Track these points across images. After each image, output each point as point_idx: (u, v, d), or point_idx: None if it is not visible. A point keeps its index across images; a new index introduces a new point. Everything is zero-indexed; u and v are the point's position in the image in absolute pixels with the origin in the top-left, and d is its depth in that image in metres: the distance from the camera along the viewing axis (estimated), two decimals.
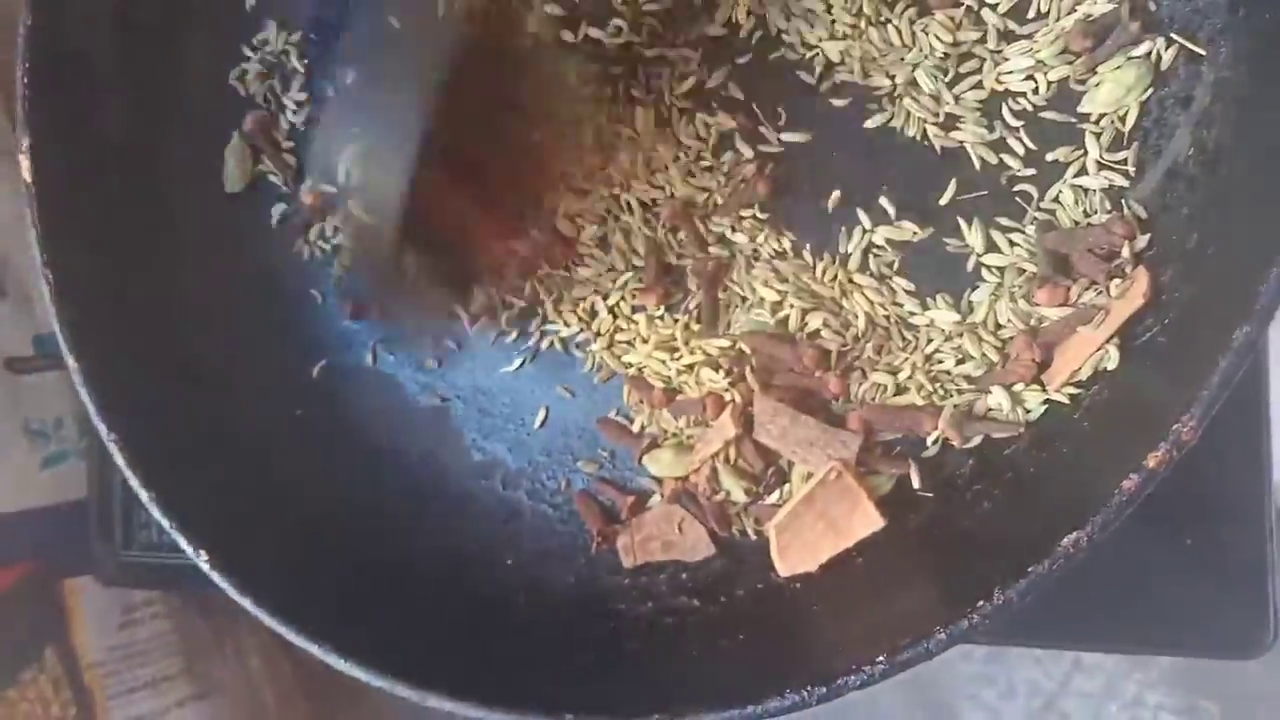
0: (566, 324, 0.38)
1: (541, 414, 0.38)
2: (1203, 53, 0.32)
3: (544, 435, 0.39)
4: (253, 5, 0.42)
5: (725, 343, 0.35)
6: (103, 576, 0.51)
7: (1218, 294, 0.29)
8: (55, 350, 0.36)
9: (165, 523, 0.35)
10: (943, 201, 0.35)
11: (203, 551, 0.34)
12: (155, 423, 0.37)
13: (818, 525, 0.33)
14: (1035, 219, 0.34)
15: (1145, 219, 0.32)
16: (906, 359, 0.34)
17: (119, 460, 0.35)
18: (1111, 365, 0.31)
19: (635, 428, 0.37)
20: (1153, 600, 0.38)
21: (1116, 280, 0.32)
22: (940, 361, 0.34)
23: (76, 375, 0.36)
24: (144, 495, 0.35)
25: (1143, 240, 0.32)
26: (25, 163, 0.37)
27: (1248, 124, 0.30)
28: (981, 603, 0.27)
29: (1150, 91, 0.33)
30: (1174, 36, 0.32)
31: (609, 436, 0.37)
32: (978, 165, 0.34)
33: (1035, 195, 0.34)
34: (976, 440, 0.33)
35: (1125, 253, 0.32)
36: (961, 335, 0.34)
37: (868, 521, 0.33)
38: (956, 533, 0.32)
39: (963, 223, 0.34)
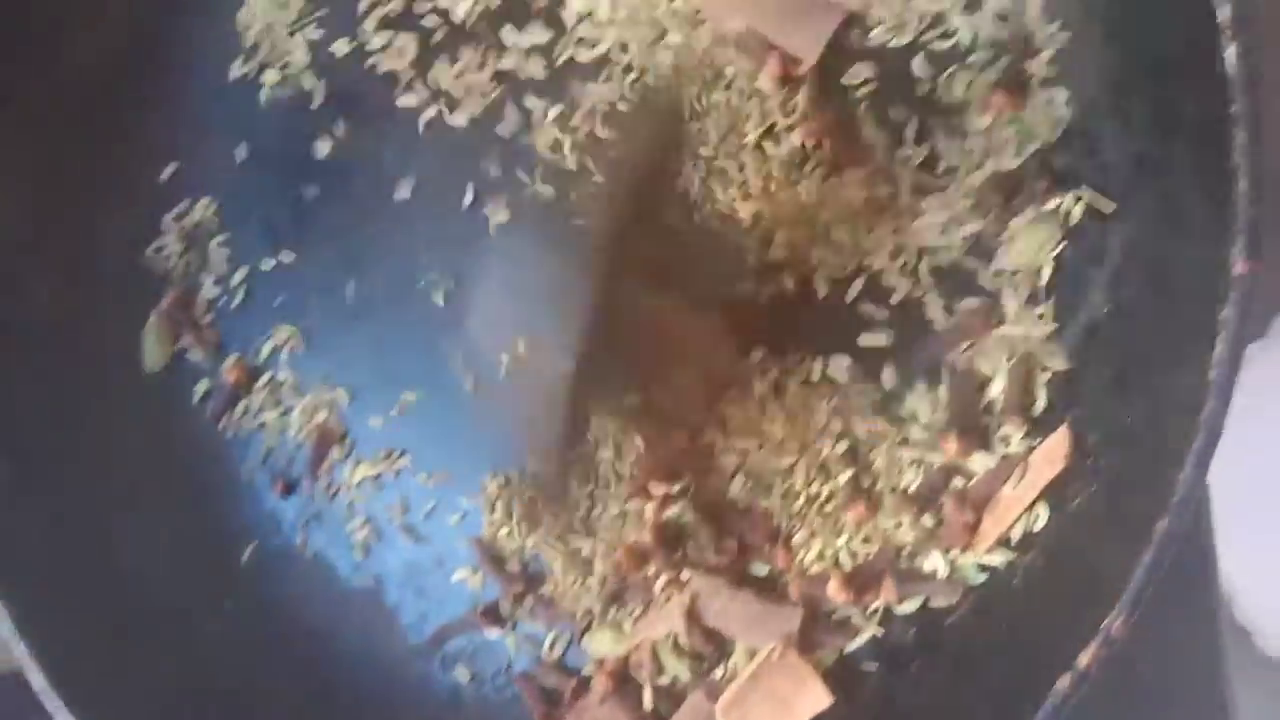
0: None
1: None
2: (1109, 210, 0.32)
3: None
4: (169, 177, 0.41)
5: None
6: None
7: (1140, 468, 0.28)
8: None
9: None
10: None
11: None
12: (78, 633, 0.36)
13: (764, 706, 0.32)
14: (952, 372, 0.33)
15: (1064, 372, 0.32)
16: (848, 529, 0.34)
17: (36, 681, 0.34)
18: (1039, 526, 0.31)
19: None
20: None
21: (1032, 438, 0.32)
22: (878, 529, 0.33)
23: None
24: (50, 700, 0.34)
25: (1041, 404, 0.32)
26: None
27: (1160, 281, 0.30)
28: None
29: (1062, 245, 0.33)
30: (1080, 194, 0.32)
31: (528, 696, 0.36)
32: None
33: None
34: (915, 605, 0.33)
35: (1040, 406, 0.32)
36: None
37: (816, 699, 0.32)
38: (903, 711, 0.32)
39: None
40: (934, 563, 0.33)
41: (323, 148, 0.39)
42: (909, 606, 0.33)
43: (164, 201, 0.41)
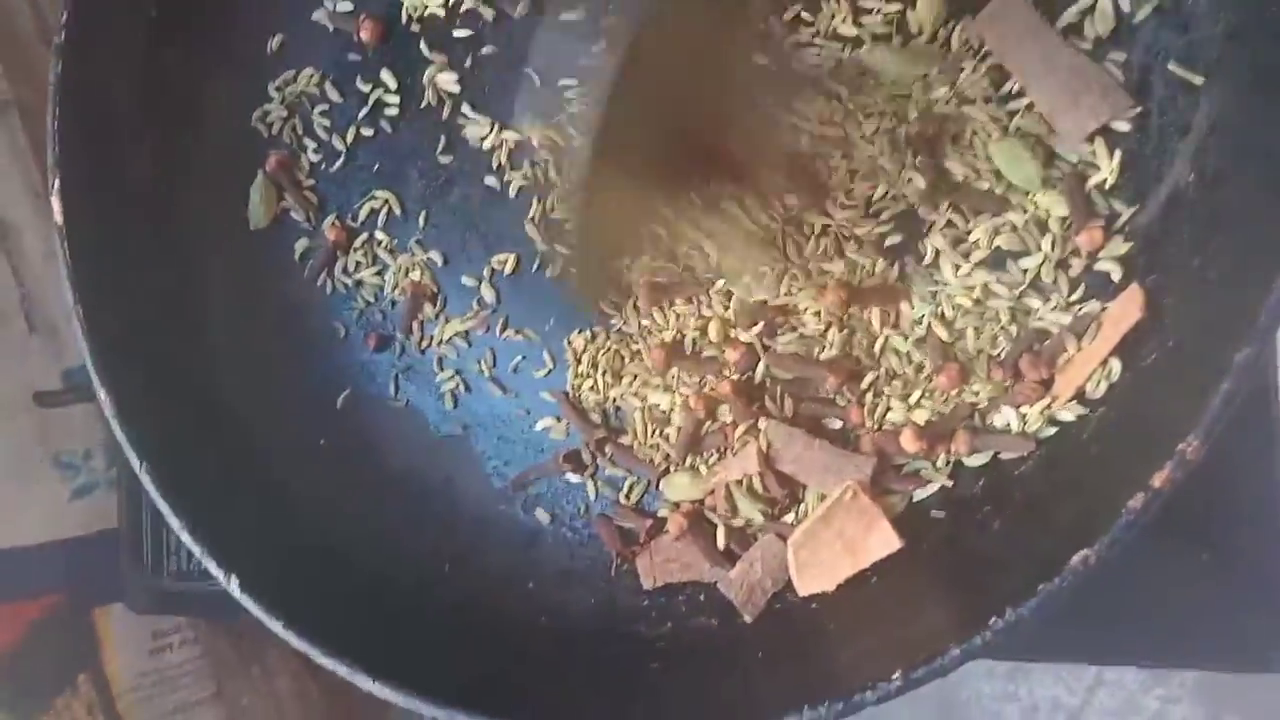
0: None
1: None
2: (1199, 82, 0.32)
3: None
4: (275, 48, 0.43)
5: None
6: (133, 604, 0.52)
7: (1219, 316, 0.29)
8: (83, 383, 0.37)
9: (195, 549, 0.36)
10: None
11: (233, 576, 0.35)
12: (184, 454, 0.38)
13: (835, 545, 0.34)
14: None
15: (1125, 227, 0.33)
16: (921, 386, 0.35)
17: (151, 491, 0.36)
18: (1114, 379, 0.32)
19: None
20: (1171, 614, 0.38)
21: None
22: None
23: (108, 409, 0.37)
24: (175, 523, 0.36)
25: (1120, 249, 0.33)
26: (56, 204, 0.38)
27: (1245, 150, 0.31)
28: (994, 620, 0.28)
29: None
30: (1171, 67, 0.33)
31: (606, 536, 0.38)
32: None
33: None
34: (986, 458, 0.34)
35: (1114, 270, 0.33)
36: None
37: (884, 542, 0.33)
38: (969, 553, 0.33)
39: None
40: (1006, 418, 0.34)
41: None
42: (979, 459, 0.34)
43: (270, 71, 0.43)
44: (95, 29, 0.39)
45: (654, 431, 0.38)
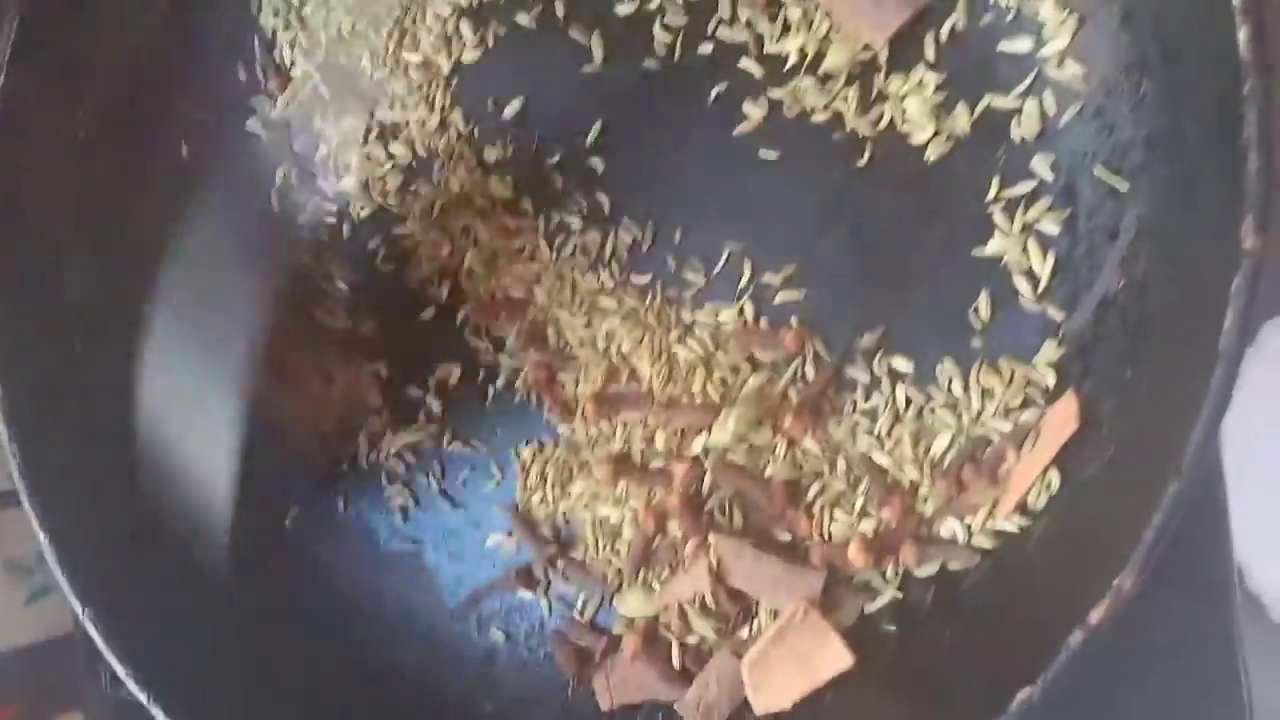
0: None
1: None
2: (1123, 188, 0.33)
3: None
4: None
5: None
6: (90, 714, 0.51)
7: (1151, 434, 0.29)
8: None
9: (142, 697, 0.35)
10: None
11: (158, 708, 0.35)
12: (128, 592, 0.37)
13: (788, 663, 0.34)
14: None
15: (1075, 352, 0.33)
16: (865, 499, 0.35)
17: (96, 638, 0.36)
18: (1053, 490, 0.32)
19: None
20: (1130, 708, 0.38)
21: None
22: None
23: (49, 553, 0.36)
24: (119, 670, 0.35)
25: (1054, 354, 0.33)
26: None
27: (1170, 258, 0.31)
28: None
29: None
30: (1096, 172, 0.33)
31: (561, 655, 0.38)
32: None
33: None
34: (934, 568, 0.34)
35: (1047, 376, 0.33)
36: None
37: (837, 659, 0.33)
38: (921, 669, 0.33)
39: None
40: (951, 529, 0.34)
41: None
42: (927, 570, 0.34)
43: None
44: (23, 150, 0.39)
45: (605, 546, 0.38)
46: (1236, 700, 0.38)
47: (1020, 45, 0.34)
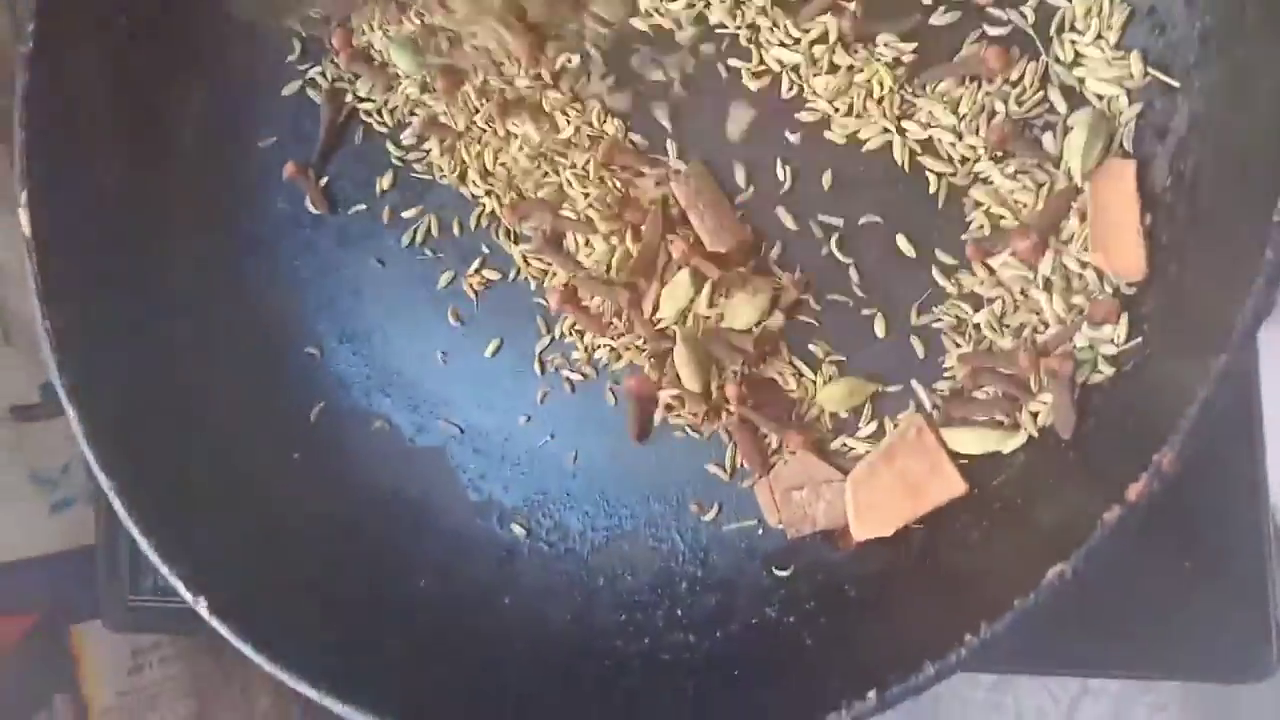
0: None
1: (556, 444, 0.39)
2: (1177, 84, 0.32)
3: (538, 473, 0.39)
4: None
5: None
6: (111, 622, 0.51)
7: (1196, 324, 0.29)
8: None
9: (165, 569, 0.35)
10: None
11: (202, 599, 0.35)
12: (155, 471, 0.37)
13: (896, 486, 0.33)
14: None
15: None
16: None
17: (119, 509, 0.36)
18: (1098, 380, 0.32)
19: None
20: (1154, 625, 0.38)
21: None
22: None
23: (78, 430, 0.36)
24: (144, 543, 0.36)
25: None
26: (24, 217, 0.38)
27: (1221, 152, 0.31)
28: (968, 637, 0.27)
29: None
30: (1150, 69, 0.32)
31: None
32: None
33: None
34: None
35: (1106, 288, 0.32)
36: None
37: (948, 486, 0.32)
38: (946, 567, 0.32)
39: None
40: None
41: None
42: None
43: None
44: (63, 38, 0.39)
45: None
46: (1264, 634, 0.37)
47: None
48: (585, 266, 0.38)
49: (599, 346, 0.38)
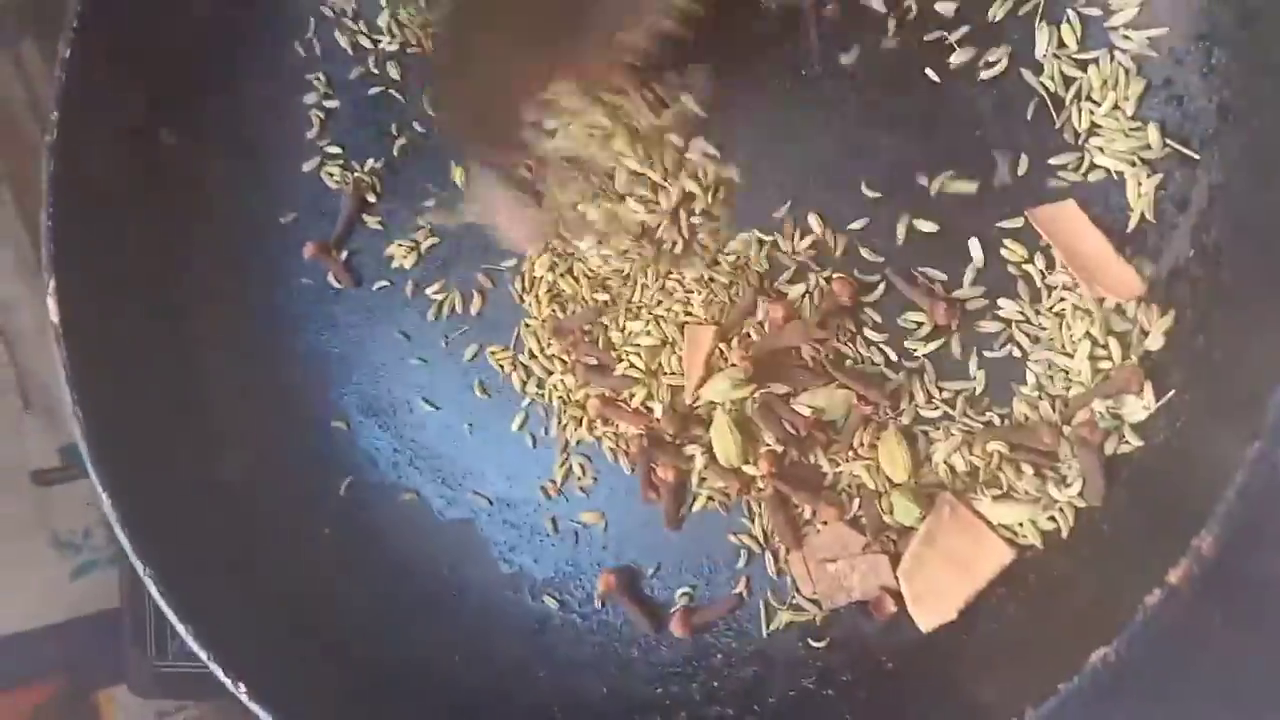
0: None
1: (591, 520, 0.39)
2: (1196, 156, 0.32)
3: (569, 544, 0.39)
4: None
5: None
6: (136, 687, 0.51)
7: (1227, 401, 0.29)
8: (81, 459, 0.37)
9: (203, 655, 0.35)
10: None
11: (241, 684, 0.35)
12: (189, 554, 0.38)
13: (946, 567, 0.33)
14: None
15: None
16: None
17: (156, 595, 0.36)
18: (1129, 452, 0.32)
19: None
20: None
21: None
22: None
23: (112, 516, 0.37)
24: (181, 629, 0.36)
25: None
26: (52, 304, 0.38)
27: (1242, 225, 0.31)
28: None
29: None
30: (1168, 141, 0.33)
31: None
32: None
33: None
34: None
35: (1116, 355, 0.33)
36: None
37: (997, 555, 0.32)
38: (984, 639, 0.33)
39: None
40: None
41: None
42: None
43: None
44: (86, 123, 0.39)
45: None
46: None
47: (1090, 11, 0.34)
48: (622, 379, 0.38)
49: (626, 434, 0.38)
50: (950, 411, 0.35)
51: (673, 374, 0.37)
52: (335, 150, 0.42)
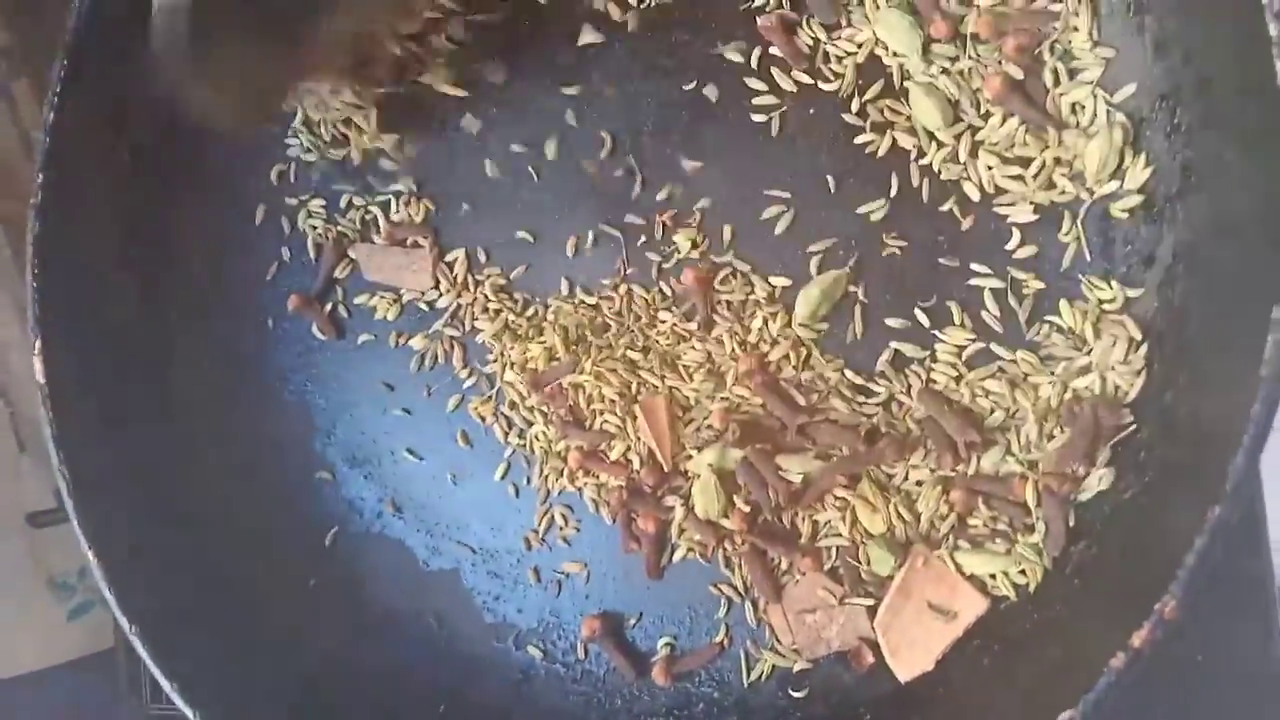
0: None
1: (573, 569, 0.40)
2: (1160, 212, 0.33)
3: (551, 594, 0.40)
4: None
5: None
6: None
7: (1192, 461, 0.29)
8: None
9: (188, 712, 0.36)
10: None
11: None
12: (176, 611, 0.38)
13: (922, 617, 0.33)
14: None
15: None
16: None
17: (144, 655, 0.36)
18: (1105, 486, 0.32)
19: None
20: None
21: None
22: None
23: (98, 572, 0.37)
24: (167, 686, 0.36)
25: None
26: (38, 364, 0.38)
27: (1208, 282, 0.31)
28: None
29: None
30: (1130, 201, 0.33)
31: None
32: None
33: None
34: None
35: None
36: None
37: (972, 604, 0.33)
38: (958, 693, 0.33)
39: None
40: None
41: None
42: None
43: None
44: (71, 184, 0.39)
45: None
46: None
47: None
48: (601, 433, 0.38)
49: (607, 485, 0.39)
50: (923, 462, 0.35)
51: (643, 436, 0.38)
52: (318, 204, 0.43)
